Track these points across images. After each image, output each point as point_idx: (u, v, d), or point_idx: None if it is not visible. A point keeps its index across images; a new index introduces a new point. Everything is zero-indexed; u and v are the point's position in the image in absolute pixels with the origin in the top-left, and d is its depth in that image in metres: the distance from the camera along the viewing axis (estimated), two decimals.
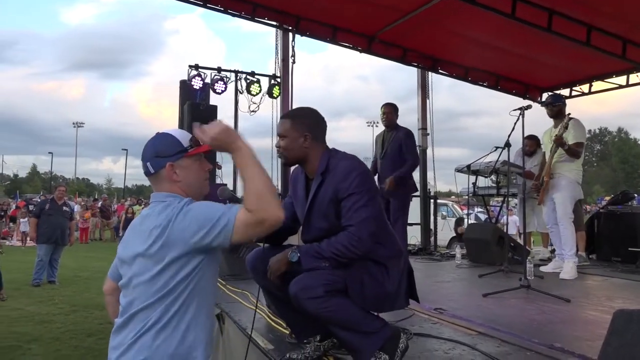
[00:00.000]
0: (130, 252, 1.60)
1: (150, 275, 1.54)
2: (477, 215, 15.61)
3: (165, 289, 1.53)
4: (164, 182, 1.66)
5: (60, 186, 9.50)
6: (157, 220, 1.55)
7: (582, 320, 3.30)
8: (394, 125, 5.44)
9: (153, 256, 1.53)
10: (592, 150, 69.74)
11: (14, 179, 68.22)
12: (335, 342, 2.43)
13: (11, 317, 6.12)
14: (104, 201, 21.62)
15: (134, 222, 1.73)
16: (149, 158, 1.67)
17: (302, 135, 2.24)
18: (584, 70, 8.02)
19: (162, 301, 1.54)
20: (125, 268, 1.63)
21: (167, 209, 1.57)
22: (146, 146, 1.70)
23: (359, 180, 2.13)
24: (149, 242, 1.54)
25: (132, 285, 1.59)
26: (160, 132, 1.72)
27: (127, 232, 1.70)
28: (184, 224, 1.51)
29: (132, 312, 1.56)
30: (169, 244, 1.52)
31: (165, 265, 1.53)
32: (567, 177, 5.04)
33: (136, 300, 1.57)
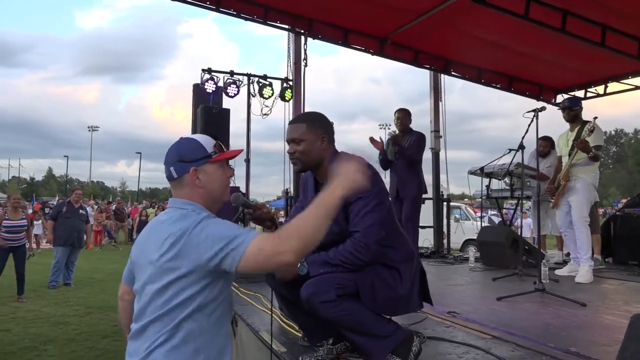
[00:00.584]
0: (145, 257, 1.59)
1: (160, 286, 1.51)
2: (490, 218, 15.52)
3: (171, 302, 1.50)
4: (186, 187, 1.63)
5: (77, 189, 9.63)
6: (172, 229, 1.52)
7: (598, 324, 3.25)
8: (408, 129, 5.48)
9: (163, 266, 1.50)
10: (608, 152, 68.84)
11: (30, 182, 69.18)
12: (348, 345, 2.43)
13: (27, 318, 6.21)
14: (117, 204, 21.81)
15: (150, 225, 1.71)
16: (172, 162, 1.64)
17: (319, 137, 2.25)
18: (599, 71, 7.92)
19: (171, 315, 1.50)
20: (140, 272, 1.61)
21: (184, 220, 1.53)
22: (170, 150, 1.68)
23: (368, 184, 2.12)
24: (161, 251, 1.51)
25: (145, 292, 1.56)
26: (184, 137, 1.72)
27: (143, 235, 1.67)
28: (198, 239, 1.47)
29: (145, 322, 1.54)
30: (180, 256, 1.48)
31: (174, 279, 1.49)
32: (584, 180, 4.98)
33: (148, 308, 1.54)
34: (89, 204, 21.41)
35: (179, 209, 1.60)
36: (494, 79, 8.43)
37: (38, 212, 18.75)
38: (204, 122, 7.03)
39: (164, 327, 1.50)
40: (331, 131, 2.32)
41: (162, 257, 1.50)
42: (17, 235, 7.28)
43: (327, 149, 2.27)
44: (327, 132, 2.29)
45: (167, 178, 1.67)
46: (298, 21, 6.88)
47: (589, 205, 5.06)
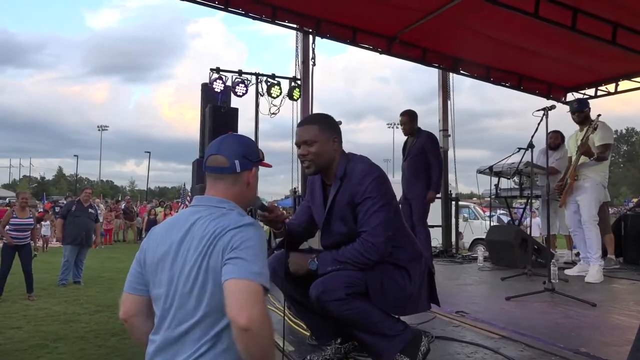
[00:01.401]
0: (177, 258, 1.49)
1: (197, 289, 1.44)
2: (499, 217, 15.44)
3: (209, 306, 1.43)
4: (237, 184, 1.60)
5: (86, 189, 9.72)
6: (212, 226, 1.47)
7: (608, 325, 3.23)
8: (416, 130, 5.40)
9: (202, 266, 1.44)
10: (619, 151, 68.23)
11: (40, 182, 69.79)
12: (356, 344, 2.43)
13: (38, 316, 6.26)
14: (127, 203, 21.96)
15: (175, 223, 1.59)
16: (237, 156, 1.60)
17: (331, 138, 2.25)
18: (610, 69, 7.85)
19: (211, 322, 1.43)
20: (164, 275, 1.51)
21: (225, 217, 1.50)
22: (232, 142, 1.65)
23: (374, 185, 2.13)
24: (200, 249, 1.45)
25: (175, 297, 1.47)
26: (242, 135, 1.72)
27: (166, 235, 1.56)
28: (233, 238, 1.43)
29: (180, 331, 1.45)
30: (216, 254, 1.43)
31: (213, 281, 1.43)
32: (592, 179, 4.94)
33: (181, 315, 1.46)
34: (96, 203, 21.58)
35: (215, 207, 1.56)
36: (503, 78, 8.38)
37: (48, 211, 18.90)
38: (212, 121, 7.05)
39: (203, 335, 1.43)
40: (340, 132, 2.33)
41: (202, 256, 1.45)
42: (23, 234, 7.36)
43: (337, 149, 2.27)
44: (337, 132, 2.30)
45: (219, 170, 1.60)
46: (306, 20, 6.88)
47: (598, 204, 5.02)
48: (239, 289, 1.34)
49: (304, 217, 2.45)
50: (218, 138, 1.69)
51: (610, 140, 5.01)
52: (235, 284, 1.35)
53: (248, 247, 1.41)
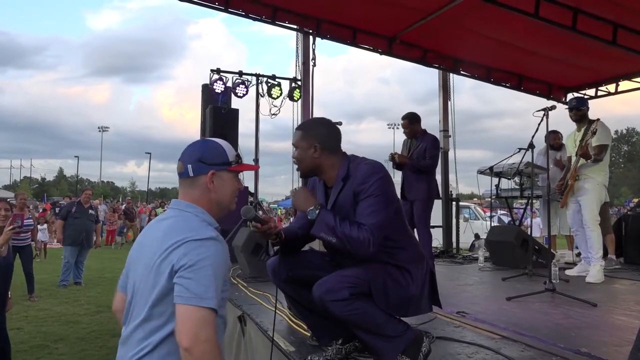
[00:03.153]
0: (142, 258, 1.54)
1: (152, 290, 1.46)
2: (500, 218, 15.44)
3: (153, 309, 1.46)
4: (197, 188, 1.61)
5: (87, 190, 9.72)
6: (176, 235, 1.48)
7: (609, 325, 3.22)
8: (420, 132, 5.37)
9: (158, 270, 1.46)
10: (619, 152, 68.21)
11: (41, 182, 69.85)
12: (357, 345, 2.43)
13: (39, 317, 6.27)
14: (127, 204, 21.97)
15: (150, 225, 1.68)
16: (191, 161, 1.61)
17: (311, 146, 2.26)
18: (610, 69, 7.85)
19: (157, 325, 1.45)
20: (133, 272, 1.58)
21: (188, 225, 1.51)
22: (190, 148, 1.66)
23: (379, 184, 2.12)
24: (158, 251, 1.47)
25: (135, 294, 1.53)
26: (209, 139, 1.70)
27: (142, 236, 1.65)
28: (190, 253, 1.42)
29: (132, 327, 1.50)
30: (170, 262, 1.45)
31: (163, 287, 1.45)
32: (593, 180, 4.94)
33: (133, 311, 1.51)
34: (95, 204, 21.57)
35: (181, 211, 1.58)
36: (503, 78, 8.38)
37: (49, 212, 18.89)
38: (213, 122, 7.06)
39: (146, 337, 1.46)
40: (329, 139, 2.29)
41: (156, 258, 1.47)
42: (23, 235, 7.34)
43: (320, 157, 2.26)
44: (322, 140, 2.26)
45: (179, 174, 1.64)
46: (306, 21, 6.89)
47: (600, 204, 5.02)
48: (186, 315, 1.37)
49: (304, 220, 2.44)
50: None
51: (607, 141, 4.99)
52: (184, 309, 1.37)
53: (203, 267, 1.41)
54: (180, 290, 1.39)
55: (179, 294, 1.39)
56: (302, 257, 2.41)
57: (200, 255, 1.43)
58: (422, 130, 5.34)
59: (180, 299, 1.38)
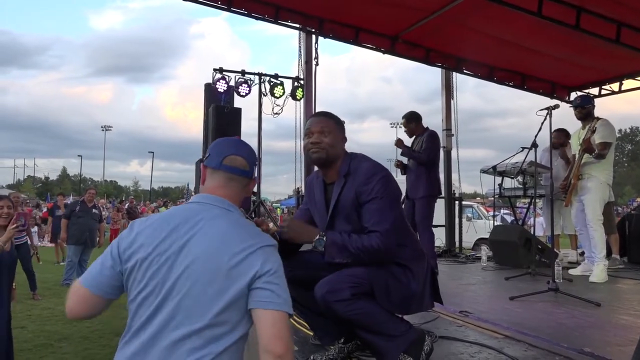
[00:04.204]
0: (186, 255, 1.39)
1: (204, 291, 1.37)
2: (503, 217, 15.40)
3: (219, 317, 1.38)
4: (243, 190, 1.59)
5: (90, 189, 9.73)
6: (249, 239, 1.43)
7: (612, 324, 3.21)
8: (420, 130, 5.38)
9: (230, 273, 1.37)
10: (623, 151, 67.94)
11: (45, 182, 70.01)
12: (359, 344, 2.43)
13: (42, 316, 6.29)
14: (130, 203, 22.03)
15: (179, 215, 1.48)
16: (254, 163, 1.62)
17: (343, 136, 2.30)
18: (614, 68, 7.83)
19: (218, 335, 1.38)
20: (157, 270, 1.39)
21: (256, 235, 1.47)
22: (249, 149, 1.64)
23: (382, 184, 2.12)
24: (221, 251, 1.39)
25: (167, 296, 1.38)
26: None
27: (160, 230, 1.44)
28: (270, 265, 1.42)
29: (180, 335, 1.35)
30: (245, 268, 1.40)
31: (237, 291, 1.39)
32: (597, 179, 4.92)
33: (182, 316, 1.36)
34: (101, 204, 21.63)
35: (229, 211, 1.51)
36: (506, 77, 8.36)
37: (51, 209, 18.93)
38: (215, 121, 7.08)
39: (203, 346, 1.35)
40: (344, 134, 2.37)
41: (224, 261, 1.38)
42: (19, 234, 7.35)
43: (344, 149, 2.30)
44: (344, 132, 2.34)
45: (239, 171, 1.56)
46: (309, 20, 6.89)
47: (603, 204, 5.00)
48: (278, 320, 1.38)
49: (303, 220, 2.44)
50: (228, 139, 1.66)
51: (610, 139, 4.96)
52: (278, 315, 1.38)
53: (282, 274, 1.45)
54: (270, 296, 1.39)
55: (269, 299, 1.38)
56: (303, 257, 2.40)
57: (278, 261, 1.47)
58: (424, 128, 5.35)
59: (272, 304, 1.38)
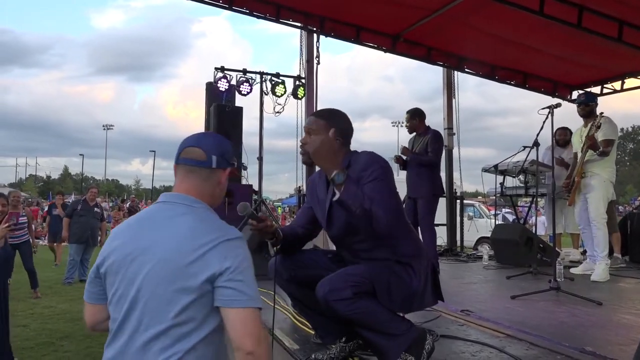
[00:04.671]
0: (154, 256, 1.40)
1: (176, 293, 1.37)
2: (504, 216, 15.38)
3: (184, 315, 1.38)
4: (209, 182, 1.55)
5: (92, 188, 9.74)
6: (208, 234, 1.41)
7: (614, 323, 3.21)
8: (422, 128, 5.37)
9: (187, 270, 1.37)
10: (625, 149, 67.76)
11: (47, 181, 70.09)
12: (360, 343, 2.43)
13: (44, 314, 6.30)
14: (132, 201, 22.06)
15: (148, 217, 1.51)
16: (216, 152, 1.55)
17: (336, 134, 2.24)
18: (616, 66, 7.81)
19: (185, 332, 1.38)
20: (130, 274, 1.41)
21: (217, 230, 1.44)
22: (212, 139, 1.61)
23: (381, 170, 2.11)
24: (182, 249, 1.38)
25: (146, 298, 1.39)
26: (222, 136, 1.68)
27: (135, 231, 1.48)
28: (230, 262, 1.38)
29: (147, 337, 1.37)
30: (205, 263, 1.38)
31: (196, 287, 1.37)
32: (600, 176, 4.91)
33: (147, 319, 1.38)
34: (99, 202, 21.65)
35: (193, 207, 1.49)
36: (508, 76, 8.35)
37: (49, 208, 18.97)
38: (217, 120, 7.07)
39: (171, 345, 1.36)
40: (347, 134, 2.30)
41: (184, 259, 1.37)
42: (19, 232, 7.35)
43: (339, 149, 2.23)
44: (340, 129, 2.26)
45: (195, 162, 1.53)
46: (310, 19, 6.89)
47: (606, 202, 4.99)
48: (244, 318, 1.36)
49: (305, 219, 2.45)
50: (197, 133, 1.64)
51: (614, 137, 4.95)
52: (244, 312, 1.37)
53: (246, 268, 1.41)
54: (233, 294, 1.37)
55: (234, 297, 1.37)
56: (305, 256, 2.41)
57: (240, 255, 1.42)
58: (426, 126, 5.34)
59: (236, 302, 1.36)
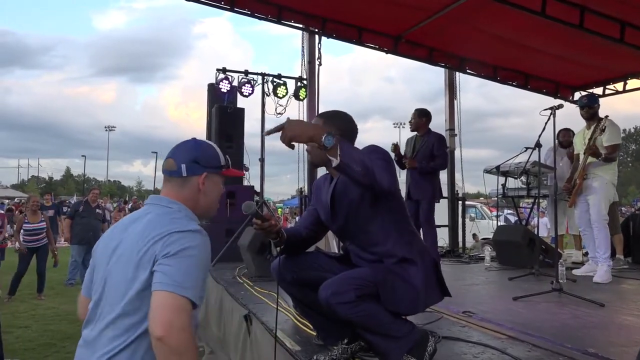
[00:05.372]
0: (120, 252, 1.48)
1: (120, 283, 1.43)
2: (506, 217, 15.37)
3: (129, 305, 1.41)
4: (187, 188, 1.59)
5: (94, 189, 9.78)
6: (162, 227, 1.45)
7: (617, 325, 3.20)
8: (425, 129, 5.38)
9: (139, 263, 1.41)
10: (627, 150, 67.70)
11: (49, 182, 70.22)
12: (362, 344, 2.43)
13: (46, 315, 6.31)
14: (134, 203, 22.09)
15: (126, 221, 1.60)
16: (185, 160, 1.59)
17: (340, 133, 2.20)
18: (618, 67, 7.80)
19: (127, 321, 1.40)
20: (105, 268, 1.51)
21: (171, 218, 1.49)
22: (184, 147, 1.64)
23: (385, 156, 2.10)
24: (138, 244, 1.43)
25: (102, 290, 1.48)
26: (202, 140, 1.68)
27: (114, 232, 1.59)
28: (169, 249, 1.39)
29: (102, 326, 1.43)
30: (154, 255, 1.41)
31: (145, 280, 1.40)
32: (602, 178, 4.90)
33: (104, 309, 1.45)
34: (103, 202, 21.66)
35: (163, 207, 1.55)
36: (510, 77, 8.34)
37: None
38: (218, 121, 7.08)
39: (120, 335, 1.40)
40: (348, 134, 2.27)
41: (136, 252, 1.42)
42: (37, 237, 7.47)
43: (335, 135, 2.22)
44: (343, 130, 2.23)
45: (168, 173, 1.61)
46: (312, 20, 6.89)
47: (608, 203, 4.98)
48: (162, 302, 1.31)
49: (309, 220, 2.44)
50: (179, 142, 1.67)
51: (618, 140, 4.95)
52: (160, 295, 1.32)
53: (186, 257, 1.38)
54: (158, 277, 1.34)
55: (157, 280, 1.34)
56: (307, 258, 2.41)
57: (184, 245, 1.40)
58: (428, 128, 5.35)
59: (157, 285, 1.33)
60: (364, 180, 1.90)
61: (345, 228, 2.30)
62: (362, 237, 2.26)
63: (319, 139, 1.79)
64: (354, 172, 1.87)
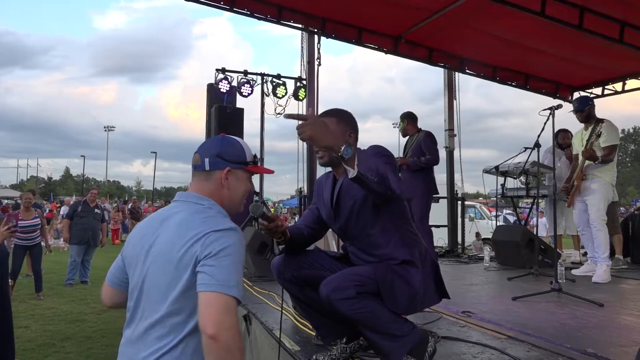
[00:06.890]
0: (158, 252, 1.49)
1: (175, 284, 1.44)
2: (505, 217, 15.38)
3: (174, 305, 1.44)
4: (211, 183, 1.60)
5: (92, 189, 9.77)
6: (200, 226, 1.47)
7: (616, 325, 3.20)
8: (414, 130, 5.46)
9: (180, 263, 1.44)
10: (626, 151, 67.72)
11: (48, 182, 70.16)
12: (361, 344, 2.43)
13: (45, 316, 6.30)
14: (133, 203, 22.08)
15: (157, 217, 1.61)
16: (209, 155, 1.62)
17: (347, 132, 2.24)
18: (617, 68, 7.81)
19: (173, 320, 1.43)
20: (142, 267, 1.53)
21: (205, 223, 1.48)
22: (210, 143, 1.67)
23: (386, 162, 2.10)
24: (176, 243, 1.45)
25: (151, 291, 1.49)
26: (229, 136, 1.71)
27: (146, 229, 1.59)
28: (210, 249, 1.42)
29: (147, 325, 1.46)
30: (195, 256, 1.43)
31: (188, 278, 1.43)
32: (601, 179, 4.91)
33: (146, 308, 1.48)
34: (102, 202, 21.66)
35: (194, 203, 1.57)
36: (509, 77, 8.36)
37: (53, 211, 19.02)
38: (218, 121, 7.08)
39: (166, 334, 1.43)
40: (356, 128, 2.32)
41: (176, 252, 1.45)
42: (31, 235, 7.39)
43: (352, 144, 2.21)
44: (354, 128, 2.28)
45: (194, 166, 1.64)
46: (311, 20, 6.89)
47: (607, 204, 4.98)
48: (211, 302, 1.35)
49: (311, 219, 2.44)
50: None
51: (615, 141, 4.95)
52: (208, 296, 1.36)
53: (226, 256, 1.42)
54: (203, 278, 1.38)
55: (203, 281, 1.38)
56: (308, 256, 2.41)
57: (223, 244, 1.43)
58: (417, 128, 5.42)
59: (204, 286, 1.37)
60: (379, 189, 1.94)
61: (346, 229, 2.31)
62: (362, 239, 2.26)
63: (339, 149, 1.83)
64: (370, 182, 1.90)
